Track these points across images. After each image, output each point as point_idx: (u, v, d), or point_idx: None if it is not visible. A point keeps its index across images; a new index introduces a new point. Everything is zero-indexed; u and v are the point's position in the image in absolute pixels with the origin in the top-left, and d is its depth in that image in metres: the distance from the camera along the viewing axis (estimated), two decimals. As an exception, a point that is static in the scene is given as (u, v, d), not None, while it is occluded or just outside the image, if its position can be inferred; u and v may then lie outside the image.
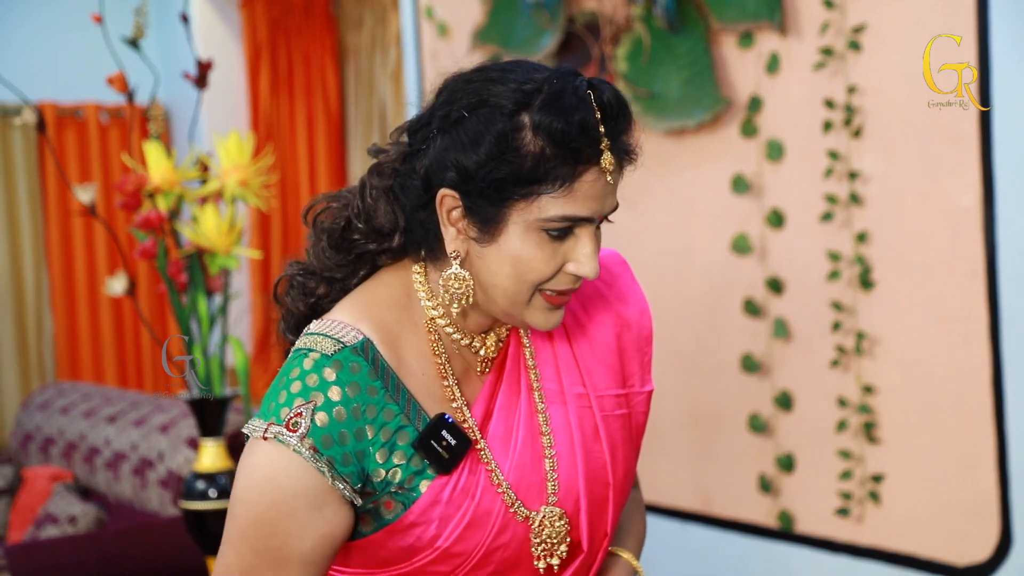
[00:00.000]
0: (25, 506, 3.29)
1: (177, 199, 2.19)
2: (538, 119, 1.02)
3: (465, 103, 1.06)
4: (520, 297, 1.06)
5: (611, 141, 1.03)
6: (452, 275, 1.08)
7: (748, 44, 2.65)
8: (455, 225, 1.07)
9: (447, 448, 1.06)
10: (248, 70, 5.22)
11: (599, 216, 1.06)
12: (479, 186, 1.04)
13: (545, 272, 1.05)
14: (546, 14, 3.06)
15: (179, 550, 2.64)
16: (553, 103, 1.02)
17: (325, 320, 1.09)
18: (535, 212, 1.03)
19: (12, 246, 4.90)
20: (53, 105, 4.92)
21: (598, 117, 1.02)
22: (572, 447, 1.14)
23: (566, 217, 1.03)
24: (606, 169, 1.03)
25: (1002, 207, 2.26)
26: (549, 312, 1.08)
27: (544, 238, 1.04)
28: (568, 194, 1.02)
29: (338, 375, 1.04)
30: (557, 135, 1.01)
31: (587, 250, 1.06)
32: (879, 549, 2.53)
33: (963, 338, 2.35)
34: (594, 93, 1.03)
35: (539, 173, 1.02)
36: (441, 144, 1.07)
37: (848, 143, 2.49)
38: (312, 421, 1.02)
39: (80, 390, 3.77)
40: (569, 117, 1.01)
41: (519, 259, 1.04)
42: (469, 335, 1.13)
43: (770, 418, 2.70)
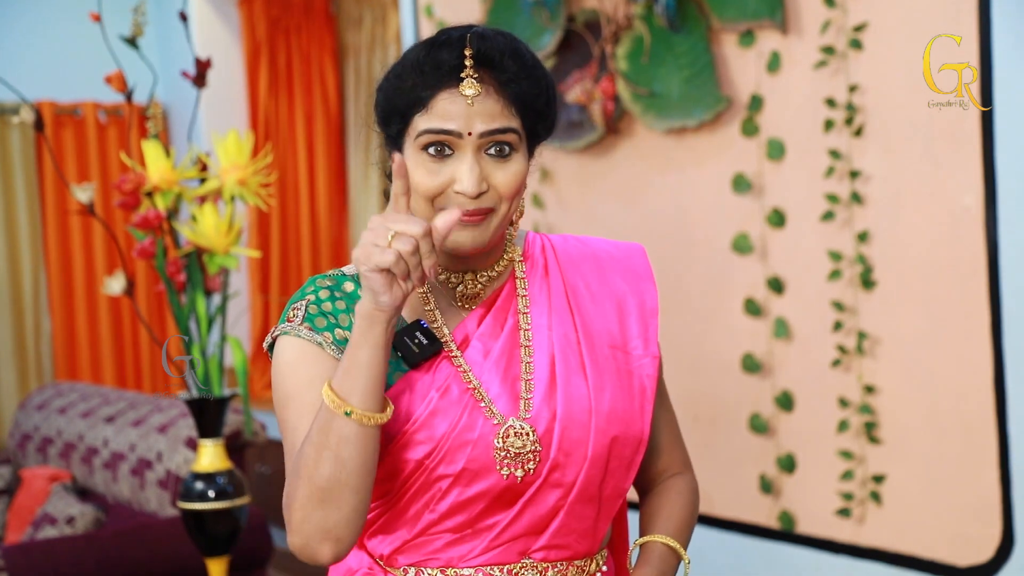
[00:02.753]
0: (23, 507, 3.28)
1: (176, 198, 2.18)
2: (408, 55, 1.21)
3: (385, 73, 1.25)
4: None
5: (479, 72, 1.17)
6: None
7: (749, 43, 2.65)
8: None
9: (419, 345, 1.20)
10: (247, 69, 5.21)
11: (468, 133, 1.16)
12: (383, 125, 1.22)
13: (429, 186, 1.17)
14: (546, 12, 3.05)
15: (178, 551, 2.63)
16: (427, 43, 1.20)
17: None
18: (412, 133, 1.18)
19: (10, 246, 4.89)
20: (51, 104, 4.90)
21: (466, 53, 1.17)
22: (552, 375, 1.23)
23: (428, 130, 1.16)
24: (464, 92, 1.16)
25: (1003, 207, 2.26)
26: (460, 228, 1.17)
27: (425, 157, 1.17)
28: (428, 112, 1.17)
29: (329, 285, 1.23)
30: (416, 63, 1.18)
31: (463, 166, 1.16)
32: (880, 550, 2.52)
33: (964, 338, 2.34)
34: (472, 35, 1.19)
35: (408, 99, 1.18)
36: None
37: (849, 142, 2.48)
38: (306, 311, 1.21)
39: (78, 390, 3.76)
40: (429, 50, 1.18)
41: (411, 177, 1.17)
42: (446, 271, 1.25)
43: (771, 418, 2.70)
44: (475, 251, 1.20)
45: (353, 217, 5.38)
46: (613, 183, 3.03)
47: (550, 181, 3.18)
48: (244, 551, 2.60)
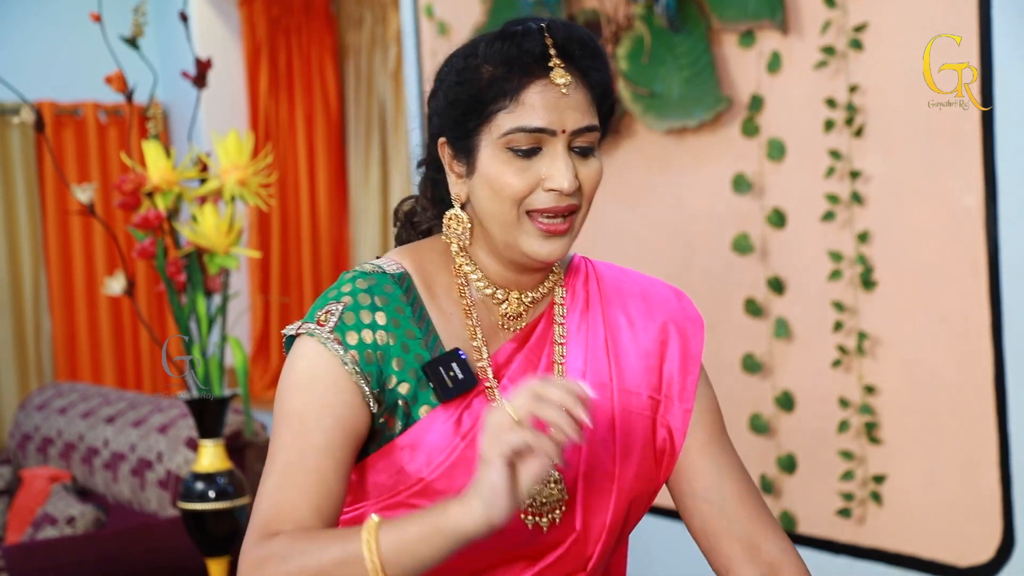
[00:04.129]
0: (23, 507, 3.28)
1: (176, 198, 2.18)
2: (486, 48, 1.12)
3: (444, 63, 1.17)
4: (506, 218, 1.11)
5: (563, 61, 1.10)
6: (452, 215, 1.18)
7: (749, 43, 2.65)
8: (454, 170, 1.16)
9: (453, 379, 1.11)
10: (247, 69, 5.21)
11: (562, 130, 1.10)
12: (451, 122, 1.13)
13: (518, 187, 1.10)
14: (546, 13, 3.05)
15: (178, 551, 2.63)
16: (502, 35, 1.12)
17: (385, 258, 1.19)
18: (495, 131, 1.10)
19: (10, 246, 4.89)
20: (51, 104, 4.91)
21: (548, 42, 1.10)
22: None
23: (519, 128, 1.09)
24: (556, 81, 1.09)
25: (1004, 207, 2.26)
26: (543, 240, 1.12)
27: (511, 155, 1.10)
28: (518, 107, 1.09)
29: (370, 287, 1.13)
30: (499, 55, 1.10)
31: (557, 162, 1.10)
32: (881, 550, 2.52)
33: (965, 338, 2.34)
34: (549, 24, 1.11)
35: (490, 92, 1.10)
36: (431, 105, 1.18)
37: (849, 142, 2.48)
38: (340, 319, 1.10)
39: (78, 390, 3.76)
40: (513, 40, 1.10)
41: (492, 178, 1.11)
42: (492, 284, 1.18)
43: (771, 418, 2.70)
44: (550, 263, 1.15)
45: (353, 217, 5.38)
46: (613, 183, 3.03)
47: (550, 181, 3.18)
48: (244, 551, 2.60)
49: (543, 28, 1.11)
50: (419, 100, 3.68)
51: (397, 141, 5.02)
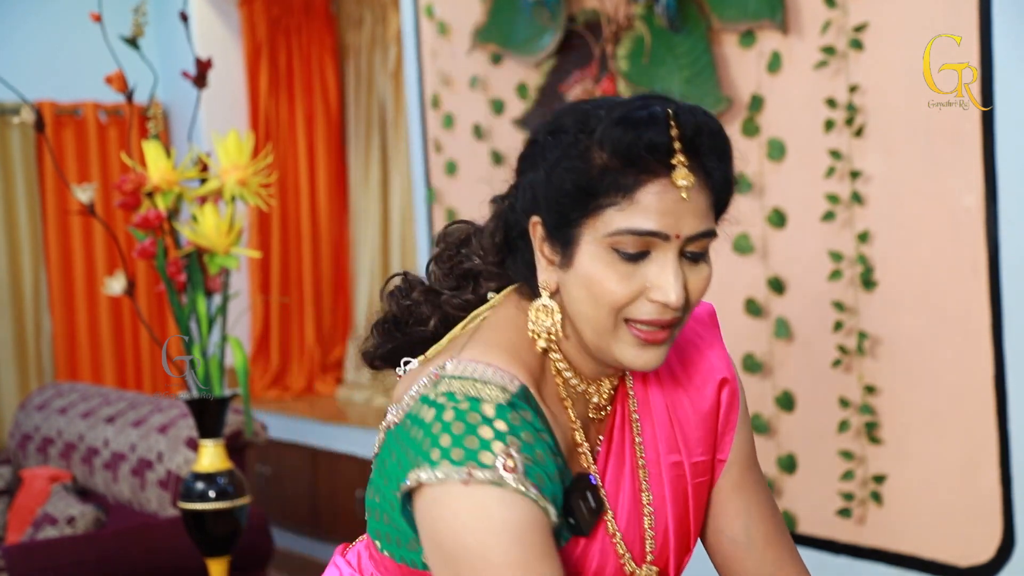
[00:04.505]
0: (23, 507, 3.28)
1: (176, 198, 2.18)
2: (604, 131, 1.00)
3: (553, 127, 1.05)
4: (602, 325, 1.02)
5: (688, 158, 1.00)
6: (540, 306, 1.07)
7: (749, 43, 2.65)
8: (545, 255, 1.06)
9: (588, 510, 1.05)
10: (247, 69, 5.21)
11: (675, 235, 1.00)
12: (551, 207, 1.02)
13: (620, 294, 1.01)
14: (547, 12, 3.05)
15: (178, 551, 2.63)
16: (623, 118, 1.00)
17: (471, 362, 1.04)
18: (602, 227, 1.00)
19: (10, 246, 4.89)
20: (52, 104, 4.91)
21: (673, 134, 0.99)
22: (665, 510, 1.13)
23: (630, 230, 0.99)
24: (678, 183, 0.99)
25: (1004, 207, 2.26)
26: (640, 348, 1.03)
27: (616, 257, 1.00)
28: (632, 206, 0.99)
29: (522, 420, 1.01)
30: (618, 145, 0.98)
31: (667, 272, 1.00)
32: (881, 550, 2.52)
33: (965, 338, 2.34)
34: (676, 112, 1.00)
35: (602, 185, 0.99)
36: (531, 173, 1.06)
37: (850, 142, 2.48)
38: (523, 462, 0.98)
39: (79, 390, 3.76)
40: (634, 130, 0.99)
41: (592, 280, 1.01)
42: (585, 380, 1.10)
43: (772, 418, 2.70)
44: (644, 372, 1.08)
45: (353, 217, 5.38)
46: (613, 183, 3.03)
47: (550, 181, 3.19)
48: (245, 551, 2.60)
49: (668, 115, 1.00)
50: (419, 100, 3.68)
51: (397, 141, 5.02)
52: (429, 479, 0.98)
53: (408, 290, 1.18)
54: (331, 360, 5.39)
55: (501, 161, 3.37)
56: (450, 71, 3.52)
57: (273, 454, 4.66)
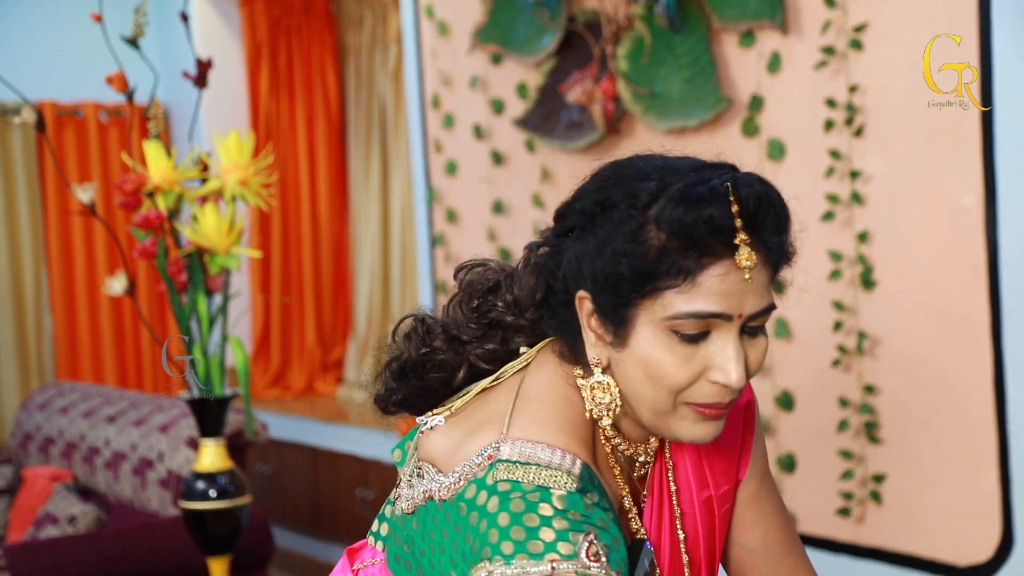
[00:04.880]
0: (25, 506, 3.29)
1: (177, 198, 2.18)
2: (662, 210, 0.95)
3: (600, 198, 1.00)
4: (661, 407, 0.99)
5: (750, 236, 0.96)
6: (596, 383, 1.03)
7: (749, 43, 2.65)
8: (594, 331, 1.02)
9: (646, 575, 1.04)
10: (248, 69, 5.21)
11: (738, 314, 0.97)
12: (605, 286, 0.98)
13: (679, 378, 0.97)
14: (547, 13, 3.05)
15: (179, 550, 2.63)
16: (682, 195, 0.95)
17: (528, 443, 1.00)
18: (660, 310, 0.96)
19: (11, 246, 4.90)
20: (52, 104, 4.91)
21: (734, 211, 0.95)
22: (699, 549, 1.12)
23: (692, 313, 0.95)
24: (741, 265, 0.95)
25: (1003, 207, 2.26)
26: (700, 424, 1.00)
27: (675, 340, 0.97)
28: (693, 288, 0.95)
29: (593, 507, 0.97)
30: (677, 226, 0.94)
31: (729, 353, 0.97)
32: (880, 549, 2.53)
33: (964, 338, 2.34)
34: (735, 185, 0.96)
35: (661, 267, 0.95)
36: (576, 244, 1.01)
37: (849, 142, 2.48)
38: (606, 550, 0.95)
39: (80, 390, 3.76)
40: (694, 209, 0.94)
41: (650, 363, 0.98)
42: (633, 444, 1.08)
43: (771, 418, 2.70)
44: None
45: (354, 217, 5.38)
46: (614, 183, 3.03)
47: (550, 181, 3.19)
48: (245, 550, 2.60)
49: (728, 189, 0.96)
50: (419, 100, 3.68)
51: (397, 141, 5.02)
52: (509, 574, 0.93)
53: (428, 335, 1.13)
54: (331, 360, 5.39)
55: (501, 161, 3.37)
56: (450, 71, 3.52)
57: (274, 453, 4.66)
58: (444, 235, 3.62)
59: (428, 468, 1.06)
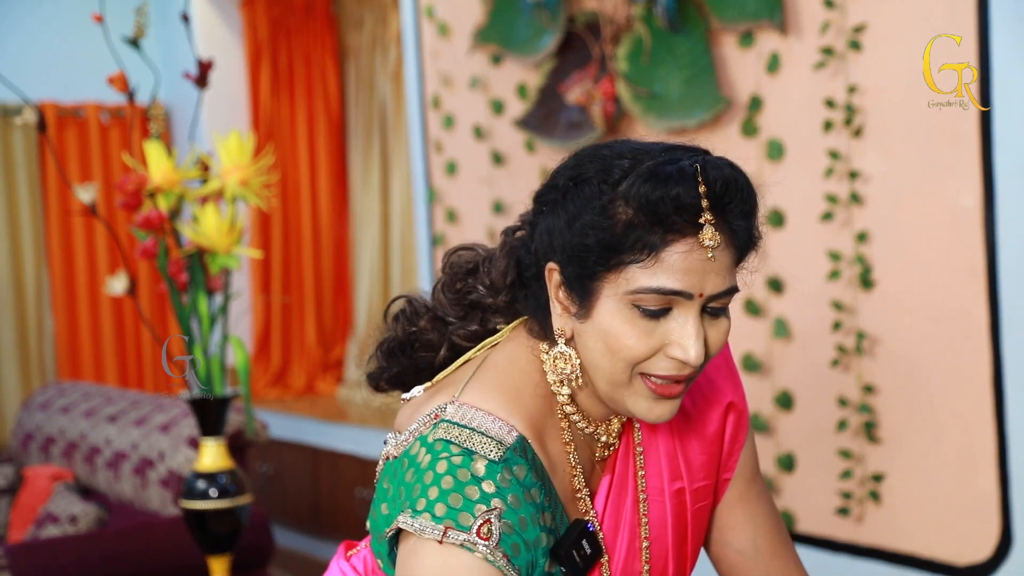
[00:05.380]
0: (26, 505, 3.30)
1: (178, 199, 2.19)
2: (630, 186, 0.97)
3: (574, 174, 1.02)
4: (617, 378, 1.01)
5: (715, 217, 0.97)
6: (558, 353, 1.05)
7: (748, 44, 2.65)
8: (561, 302, 1.04)
9: (583, 557, 1.04)
10: (249, 70, 5.22)
11: (699, 293, 0.98)
12: (571, 258, 1.00)
13: (638, 350, 0.99)
14: (546, 14, 3.06)
15: (180, 549, 2.64)
16: (651, 173, 0.97)
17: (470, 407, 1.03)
18: (623, 284, 0.98)
19: (13, 246, 4.91)
20: (54, 105, 4.92)
21: (701, 191, 0.96)
22: (666, 545, 1.13)
23: (653, 289, 0.97)
24: (704, 244, 0.97)
25: (1002, 207, 2.26)
26: (653, 401, 1.02)
27: (636, 314, 0.99)
28: (656, 264, 0.97)
29: (511, 481, 0.99)
30: (644, 202, 0.96)
31: (688, 330, 0.99)
32: (879, 548, 2.53)
33: (963, 337, 2.35)
34: (704, 168, 0.97)
35: (626, 241, 0.97)
36: (548, 219, 1.04)
37: (848, 143, 2.49)
38: (501, 530, 0.97)
39: (81, 389, 3.77)
40: (662, 187, 0.96)
41: (609, 334, 1.00)
42: (593, 422, 1.09)
43: (771, 418, 2.71)
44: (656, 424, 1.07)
45: (354, 217, 5.39)
46: (613, 183, 3.04)
47: (551, 181, 3.19)
48: (246, 550, 2.61)
49: (696, 170, 0.97)
50: (419, 101, 3.69)
51: (397, 141, 5.03)
52: (409, 528, 0.98)
53: (414, 315, 1.16)
54: (332, 359, 5.40)
55: (501, 161, 3.38)
56: (450, 72, 3.53)
57: (274, 453, 4.67)
58: (444, 235, 3.63)
59: (392, 434, 1.10)
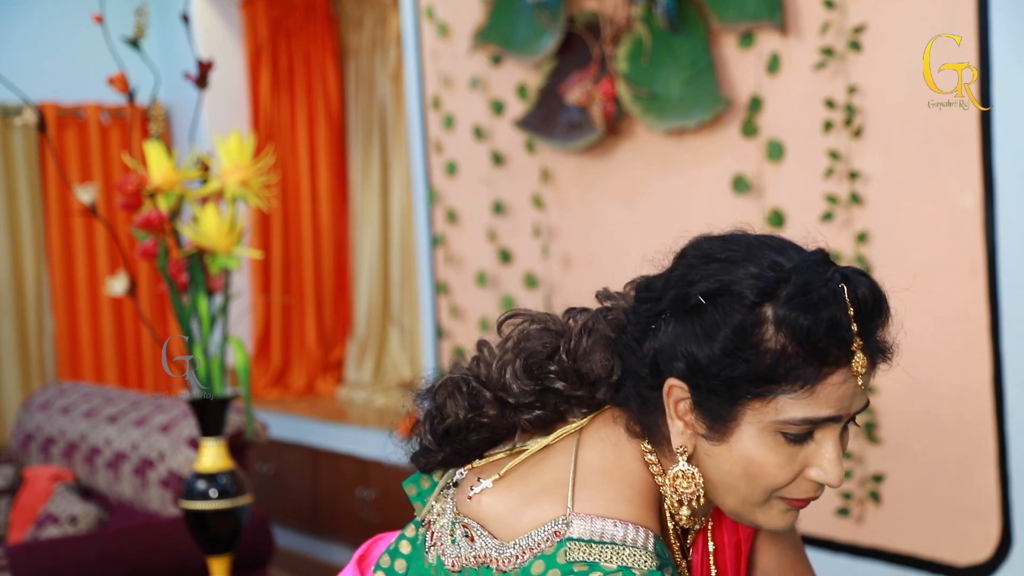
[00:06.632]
0: (26, 506, 3.30)
1: (178, 199, 2.19)
2: (782, 314, 0.93)
3: (703, 288, 0.97)
4: (753, 500, 0.99)
5: (864, 341, 0.95)
6: (680, 472, 1.00)
7: (748, 44, 2.65)
8: (682, 418, 0.99)
9: None
10: (249, 70, 5.22)
11: (846, 414, 0.96)
12: (711, 382, 0.95)
13: (780, 478, 0.97)
14: (547, 14, 3.06)
15: (180, 550, 2.64)
16: (800, 296, 0.93)
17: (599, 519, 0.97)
18: (772, 413, 0.94)
19: (13, 246, 4.91)
20: (54, 105, 4.92)
21: (851, 315, 0.94)
22: None
23: (807, 420, 0.94)
24: (857, 372, 0.95)
25: (1002, 207, 2.26)
26: (787, 513, 1.00)
27: (780, 440, 0.95)
28: (810, 395, 0.93)
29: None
30: (802, 333, 0.92)
31: (831, 455, 0.96)
32: (879, 549, 2.53)
33: (963, 337, 2.35)
34: (847, 287, 0.94)
35: (779, 372, 0.93)
36: (673, 329, 0.98)
37: (848, 143, 2.49)
38: None
39: (81, 390, 3.77)
40: (817, 314, 0.92)
41: (752, 462, 0.96)
42: (691, 520, 1.05)
43: (770, 418, 2.71)
44: None
45: (354, 217, 5.39)
46: (613, 184, 3.04)
47: (550, 182, 3.19)
48: (246, 550, 2.61)
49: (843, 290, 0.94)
50: (419, 101, 3.69)
51: (397, 142, 5.03)
52: None
53: (475, 398, 1.08)
54: (332, 360, 5.40)
55: (501, 162, 3.38)
56: (450, 72, 3.53)
57: (274, 453, 4.67)
58: (444, 235, 3.63)
59: (479, 531, 1.02)
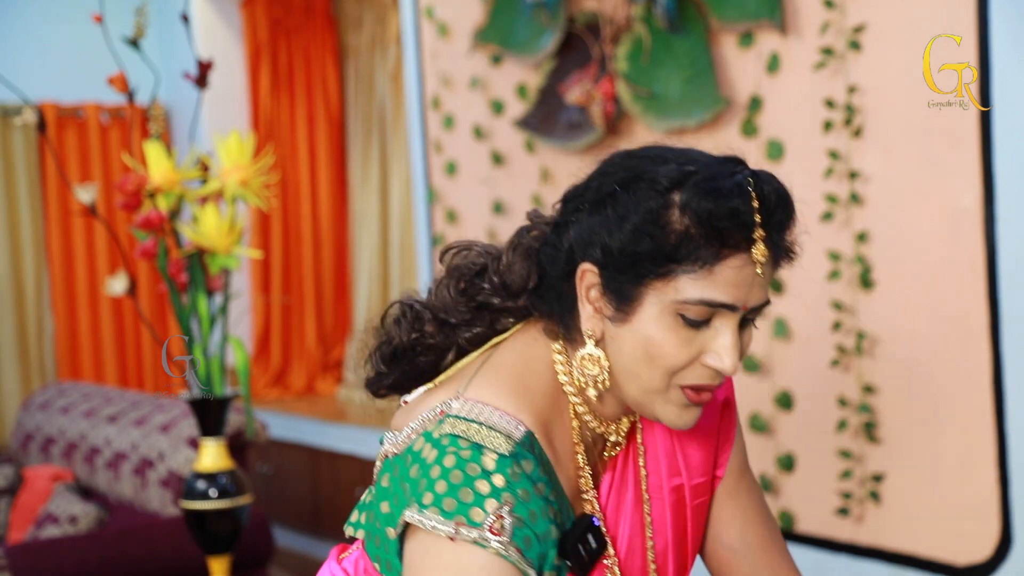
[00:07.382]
0: (26, 506, 3.30)
1: (178, 199, 2.19)
2: (688, 198, 0.98)
3: (619, 177, 1.02)
4: (653, 385, 1.02)
5: (766, 233, 1.00)
6: (587, 355, 1.04)
7: (748, 44, 2.65)
8: (592, 303, 1.03)
9: (588, 551, 1.04)
10: (248, 70, 5.22)
11: (743, 306, 1.00)
12: (619, 261, 1.00)
13: (678, 358, 1.00)
14: (546, 14, 3.06)
15: (180, 550, 2.64)
16: (707, 184, 0.98)
17: (478, 403, 1.02)
18: (672, 292, 0.98)
19: (12, 246, 4.91)
20: (54, 105, 4.92)
21: (755, 207, 0.99)
22: (667, 543, 1.13)
23: (703, 300, 0.98)
24: (756, 260, 0.99)
25: (1002, 207, 2.27)
26: (684, 408, 1.03)
27: (679, 322, 0.99)
28: (708, 277, 0.98)
29: (521, 475, 0.98)
30: (704, 215, 0.97)
31: (727, 341, 1.00)
32: (879, 549, 2.53)
33: (963, 337, 2.35)
34: (755, 182, 1.00)
35: (681, 252, 0.97)
36: (590, 219, 1.03)
37: (848, 143, 2.49)
38: (513, 524, 0.96)
39: (80, 390, 3.77)
40: (720, 200, 0.97)
41: (651, 341, 1.00)
42: (605, 422, 1.09)
43: (770, 418, 2.71)
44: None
45: (354, 217, 5.39)
46: (613, 183, 3.04)
47: (550, 182, 3.19)
48: (246, 550, 2.61)
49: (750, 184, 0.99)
50: (419, 101, 3.69)
51: (397, 142, 5.03)
52: (419, 523, 0.96)
53: (417, 320, 1.14)
54: (332, 360, 5.40)
55: (501, 161, 3.38)
56: (450, 72, 3.53)
57: (274, 453, 4.67)
58: (444, 235, 3.63)
59: (389, 433, 1.08)
